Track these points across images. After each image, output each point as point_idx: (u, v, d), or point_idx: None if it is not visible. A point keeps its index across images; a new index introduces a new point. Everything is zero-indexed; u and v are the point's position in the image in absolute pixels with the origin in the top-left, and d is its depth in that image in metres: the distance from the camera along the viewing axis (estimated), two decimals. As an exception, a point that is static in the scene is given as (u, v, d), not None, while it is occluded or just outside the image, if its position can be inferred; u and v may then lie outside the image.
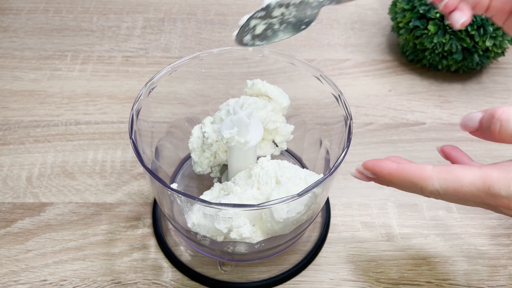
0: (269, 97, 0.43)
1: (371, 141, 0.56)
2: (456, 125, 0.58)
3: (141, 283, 0.44)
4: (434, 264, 0.46)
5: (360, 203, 0.50)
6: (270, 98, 0.43)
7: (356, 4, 0.75)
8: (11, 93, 0.60)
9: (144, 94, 0.41)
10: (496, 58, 0.62)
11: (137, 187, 0.51)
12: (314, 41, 0.69)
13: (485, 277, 0.45)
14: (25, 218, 0.48)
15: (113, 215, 0.48)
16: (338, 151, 0.41)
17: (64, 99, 0.60)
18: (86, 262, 0.45)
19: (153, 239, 0.47)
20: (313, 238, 0.47)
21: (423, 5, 0.59)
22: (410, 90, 0.62)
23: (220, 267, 0.44)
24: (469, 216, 0.49)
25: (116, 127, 0.57)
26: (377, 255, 0.46)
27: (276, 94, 0.43)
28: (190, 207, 0.37)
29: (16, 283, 0.43)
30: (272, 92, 0.43)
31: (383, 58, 0.67)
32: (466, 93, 0.62)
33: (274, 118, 0.42)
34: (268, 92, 0.42)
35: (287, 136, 0.45)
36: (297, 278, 0.45)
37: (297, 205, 0.36)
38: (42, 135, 0.56)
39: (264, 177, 0.37)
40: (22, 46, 0.67)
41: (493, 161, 0.54)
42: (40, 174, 0.52)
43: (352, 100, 0.60)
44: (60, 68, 0.64)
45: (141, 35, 0.69)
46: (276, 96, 0.43)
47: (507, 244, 0.47)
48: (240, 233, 0.36)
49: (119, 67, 0.64)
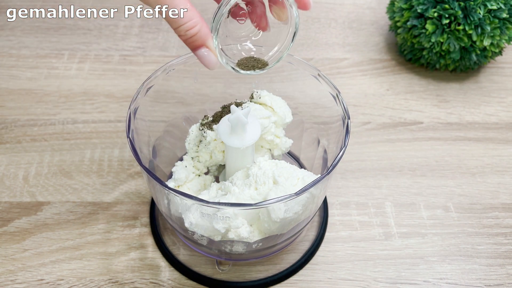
0: (274, 110, 0.42)
1: (368, 140, 0.56)
2: (453, 124, 0.58)
3: (139, 283, 0.43)
4: (432, 263, 0.46)
5: (358, 202, 0.50)
6: (274, 111, 0.42)
7: (354, 3, 0.75)
8: (8, 91, 0.60)
9: (142, 93, 0.41)
10: (493, 57, 0.62)
11: (134, 186, 0.51)
12: (312, 40, 0.69)
13: (483, 276, 0.45)
14: (22, 217, 0.48)
15: (110, 214, 0.48)
16: (336, 150, 0.41)
17: (61, 98, 0.59)
18: (83, 262, 0.45)
19: (151, 238, 0.47)
20: (311, 237, 0.47)
21: (421, 4, 0.59)
22: (407, 89, 0.62)
23: (217, 267, 0.44)
24: (466, 215, 0.49)
25: (113, 126, 0.56)
26: (374, 254, 0.46)
27: (281, 109, 0.42)
28: (188, 207, 0.37)
29: (13, 283, 0.43)
30: (278, 106, 0.42)
31: (380, 57, 0.67)
32: (463, 93, 0.62)
33: (274, 130, 0.42)
34: (274, 106, 0.42)
35: (285, 150, 0.45)
36: (294, 277, 0.45)
37: (294, 204, 0.36)
38: (39, 134, 0.55)
39: (262, 177, 0.37)
40: (19, 45, 0.66)
41: (491, 160, 0.54)
42: (37, 173, 0.52)
43: (350, 99, 0.61)
44: (57, 67, 0.63)
45: (139, 33, 0.69)
46: (280, 111, 0.42)
47: (504, 243, 0.47)
48: (238, 233, 0.36)
49: (116, 66, 0.64)
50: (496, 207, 0.50)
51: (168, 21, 0.33)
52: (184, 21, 0.33)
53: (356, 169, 0.53)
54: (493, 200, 0.51)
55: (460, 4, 0.57)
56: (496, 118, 0.59)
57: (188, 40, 0.34)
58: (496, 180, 0.52)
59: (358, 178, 0.52)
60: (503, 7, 0.56)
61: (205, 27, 0.34)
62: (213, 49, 0.35)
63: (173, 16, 0.32)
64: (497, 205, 0.50)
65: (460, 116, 0.59)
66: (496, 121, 0.59)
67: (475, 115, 0.59)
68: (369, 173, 0.53)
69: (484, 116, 0.59)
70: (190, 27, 0.33)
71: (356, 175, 0.53)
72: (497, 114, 0.60)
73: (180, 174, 0.42)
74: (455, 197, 0.51)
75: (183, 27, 0.33)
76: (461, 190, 0.52)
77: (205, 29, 0.34)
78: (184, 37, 0.34)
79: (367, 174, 0.53)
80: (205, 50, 0.34)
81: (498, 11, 0.56)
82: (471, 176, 0.53)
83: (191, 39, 0.34)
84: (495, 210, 0.50)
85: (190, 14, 0.33)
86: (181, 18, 0.32)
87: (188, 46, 0.35)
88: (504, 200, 0.51)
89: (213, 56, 0.35)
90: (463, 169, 0.53)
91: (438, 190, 0.52)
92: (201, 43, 0.34)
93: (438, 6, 0.57)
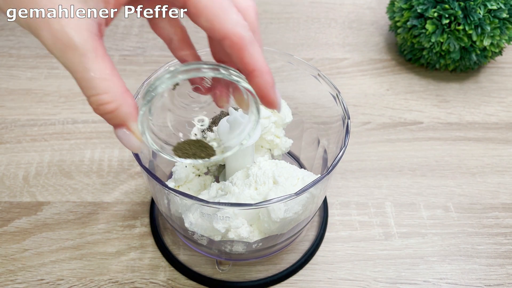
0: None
1: (368, 140, 0.56)
2: (453, 124, 0.58)
3: (138, 283, 0.43)
4: (432, 263, 0.46)
5: (358, 202, 0.50)
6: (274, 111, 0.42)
7: (354, 3, 0.75)
8: (8, 91, 0.60)
9: (142, 93, 0.41)
10: (493, 57, 0.62)
11: (134, 186, 0.51)
12: (312, 40, 0.69)
13: (483, 276, 0.45)
14: (22, 217, 0.48)
15: (110, 214, 0.48)
16: (336, 150, 0.41)
17: (61, 98, 0.59)
18: (83, 261, 0.45)
19: (151, 238, 0.47)
20: (311, 237, 0.47)
21: (421, 4, 0.59)
22: (407, 89, 0.62)
23: (217, 267, 0.44)
24: (466, 215, 0.49)
25: (113, 126, 0.56)
26: (374, 254, 0.46)
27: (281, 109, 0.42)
28: (188, 207, 0.37)
29: (13, 283, 0.43)
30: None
31: (380, 57, 0.67)
32: (463, 92, 0.62)
33: (274, 130, 0.42)
34: None
35: (285, 150, 0.44)
36: (294, 277, 0.45)
37: (294, 204, 0.36)
38: (39, 134, 0.55)
39: (262, 177, 0.37)
40: (19, 45, 0.66)
41: (491, 160, 0.54)
42: (37, 173, 0.52)
43: (350, 99, 0.61)
44: (57, 67, 0.63)
45: (139, 33, 0.69)
46: (280, 111, 0.42)
47: (504, 243, 0.47)
48: (238, 233, 0.36)
49: (116, 66, 0.63)
50: (496, 207, 0.50)
51: (79, 86, 0.26)
52: (98, 90, 0.25)
53: (356, 169, 0.53)
54: (493, 200, 0.51)
55: (460, 4, 0.57)
56: (496, 118, 0.59)
57: (103, 116, 0.26)
58: (496, 180, 0.52)
59: (358, 178, 0.52)
60: (503, 7, 0.56)
61: (127, 106, 0.26)
62: (135, 131, 0.27)
63: (81, 70, 0.25)
64: (497, 205, 0.50)
65: (460, 116, 0.59)
66: (496, 121, 0.59)
67: (475, 115, 0.59)
68: (369, 173, 0.53)
69: (484, 116, 0.59)
70: (104, 102, 0.25)
71: (356, 175, 0.53)
72: (497, 114, 0.60)
73: (180, 174, 0.42)
74: (455, 197, 0.51)
75: (94, 98, 0.25)
76: (461, 190, 0.52)
77: (125, 109, 0.26)
78: (97, 111, 0.26)
79: (367, 174, 0.53)
80: (125, 130, 0.27)
81: (498, 11, 0.56)
82: (471, 176, 0.53)
83: (106, 116, 0.26)
84: (495, 210, 0.50)
85: (106, 85, 0.25)
86: (94, 85, 0.25)
87: (106, 121, 0.27)
88: (504, 200, 0.51)
89: (134, 139, 0.28)
90: (463, 169, 0.53)
91: (438, 190, 0.51)
92: (119, 123, 0.27)
93: (438, 6, 0.57)
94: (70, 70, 0.25)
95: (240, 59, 0.27)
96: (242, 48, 0.27)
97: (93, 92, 0.25)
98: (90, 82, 0.25)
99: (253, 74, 0.28)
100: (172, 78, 0.27)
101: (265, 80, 0.28)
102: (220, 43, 0.27)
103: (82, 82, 0.25)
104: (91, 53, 0.25)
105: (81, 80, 0.25)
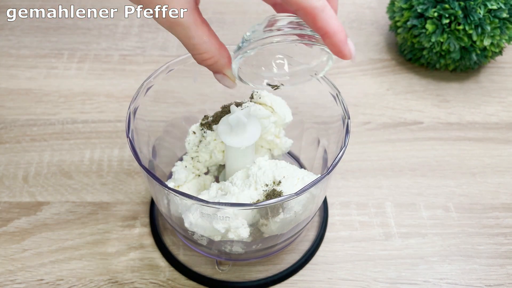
0: (274, 110, 0.42)
1: (369, 140, 0.56)
2: (453, 124, 0.58)
3: (138, 283, 0.43)
4: (432, 263, 0.46)
5: (358, 202, 0.50)
6: (274, 111, 0.42)
7: (354, 2, 0.75)
8: (7, 91, 0.60)
9: (141, 93, 0.41)
10: (493, 57, 0.62)
11: (134, 186, 0.51)
12: (312, 40, 0.69)
13: (483, 276, 0.45)
14: (21, 217, 0.48)
15: (110, 214, 0.48)
16: (336, 150, 0.41)
17: (60, 98, 0.59)
18: (82, 262, 0.45)
19: (150, 238, 0.47)
20: (311, 237, 0.47)
21: (421, 4, 0.59)
22: (408, 89, 0.62)
23: (217, 267, 0.44)
24: (467, 216, 0.49)
25: (113, 126, 0.56)
26: (374, 254, 0.46)
27: (281, 109, 0.42)
28: (188, 207, 0.37)
29: (12, 283, 0.43)
30: (278, 106, 0.42)
31: (381, 57, 0.67)
32: (463, 92, 0.62)
33: (274, 130, 0.42)
34: (274, 106, 0.42)
35: (285, 150, 0.44)
36: (294, 277, 0.44)
37: (294, 204, 0.36)
38: (39, 134, 0.55)
39: (262, 177, 0.37)
40: (18, 44, 0.66)
41: (492, 160, 0.54)
42: (37, 173, 0.51)
43: (350, 99, 0.60)
44: (56, 67, 0.63)
45: (138, 33, 0.69)
46: (280, 111, 0.42)
47: (504, 243, 0.47)
48: (238, 233, 0.36)
49: (116, 65, 0.64)
50: (496, 207, 0.50)
51: (187, 49, 0.33)
52: (200, 51, 0.33)
53: (356, 169, 0.53)
54: (494, 200, 0.51)
55: (460, 4, 0.56)
56: (496, 118, 0.59)
57: (205, 66, 0.34)
58: (497, 180, 0.52)
59: (358, 178, 0.52)
60: (503, 7, 0.56)
61: (223, 59, 0.34)
62: (230, 76, 0.35)
63: (186, 39, 0.32)
64: (497, 205, 0.50)
65: (461, 116, 0.59)
66: (496, 121, 0.59)
67: (475, 115, 0.59)
68: (369, 173, 0.53)
69: (484, 116, 0.59)
70: (205, 58, 0.33)
71: (356, 175, 0.53)
72: (497, 114, 0.60)
73: (180, 174, 0.42)
74: (455, 197, 0.51)
75: (198, 56, 0.34)
76: (462, 190, 0.52)
77: (222, 61, 0.34)
78: (201, 64, 0.34)
79: (367, 174, 0.53)
80: (222, 75, 0.35)
81: (498, 11, 0.56)
82: (471, 176, 0.53)
83: (208, 67, 0.34)
84: (495, 210, 0.50)
85: (206, 47, 0.33)
86: (197, 48, 0.33)
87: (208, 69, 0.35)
88: (504, 200, 0.51)
89: (229, 81, 0.35)
90: (463, 169, 0.53)
91: (438, 190, 0.51)
92: (217, 71, 0.35)
93: (438, 6, 0.57)
94: (178, 38, 0.32)
95: (313, 25, 0.30)
96: (314, 18, 0.30)
97: (196, 52, 0.33)
98: (193, 46, 0.33)
99: (325, 35, 0.31)
100: (263, 45, 0.31)
101: (337, 39, 0.31)
102: (294, 11, 0.31)
103: (188, 46, 0.33)
104: (192, 25, 0.32)
105: (187, 45, 0.33)
